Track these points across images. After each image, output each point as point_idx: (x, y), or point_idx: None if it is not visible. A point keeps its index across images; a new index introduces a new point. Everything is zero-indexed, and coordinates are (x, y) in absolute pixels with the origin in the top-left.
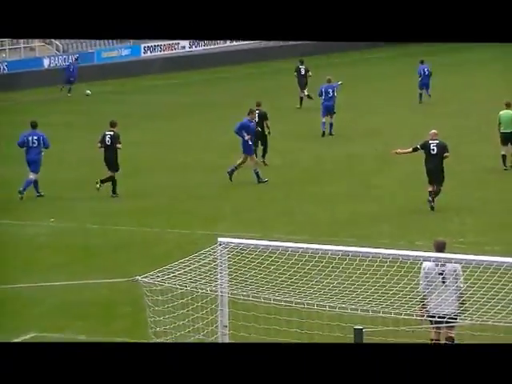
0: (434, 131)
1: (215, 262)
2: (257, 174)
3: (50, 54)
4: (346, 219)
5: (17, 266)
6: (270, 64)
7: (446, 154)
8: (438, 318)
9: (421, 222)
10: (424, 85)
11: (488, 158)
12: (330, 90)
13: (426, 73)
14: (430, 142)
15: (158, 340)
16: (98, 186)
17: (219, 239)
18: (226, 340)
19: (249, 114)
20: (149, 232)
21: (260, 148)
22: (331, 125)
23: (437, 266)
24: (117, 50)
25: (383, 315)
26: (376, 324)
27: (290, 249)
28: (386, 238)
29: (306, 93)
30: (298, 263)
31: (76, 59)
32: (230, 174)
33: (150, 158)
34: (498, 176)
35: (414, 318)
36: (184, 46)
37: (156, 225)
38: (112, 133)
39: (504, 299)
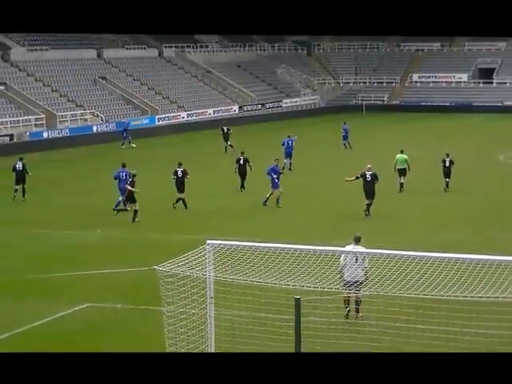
0: (369, 165)
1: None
2: (277, 200)
3: (97, 122)
4: (308, 224)
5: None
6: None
7: (376, 181)
8: (350, 282)
9: (354, 225)
10: (345, 138)
11: (393, 185)
12: (290, 142)
13: (346, 130)
14: (366, 172)
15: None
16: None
17: (208, 241)
18: (212, 308)
19: (275, 161)
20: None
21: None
22: (290, 164)
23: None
24: (140, 120)
25: (318, 289)
26: (312, 295)
27: (259, 247)
28: (324, 238)
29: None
30: (264, 257)
31: (127, 124)
32: (264, 202)
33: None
34: (400, 195)
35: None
36: (184, 117)
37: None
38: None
39: (396, 279)
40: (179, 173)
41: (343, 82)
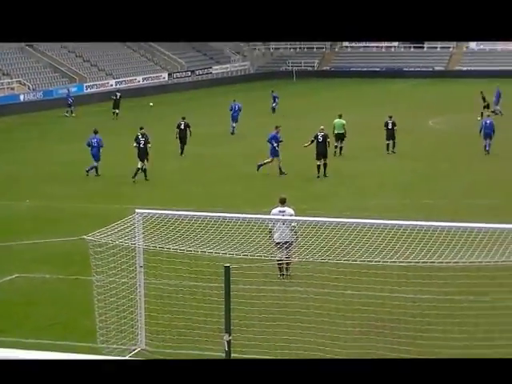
0: (322, 127)
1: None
2: (280, 168)
3: (24, 91)
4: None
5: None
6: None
7: (328, 140)
8: (280, 243)
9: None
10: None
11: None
12: (236, 106)
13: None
14: (318, 133)
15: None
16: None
17: (137, 210)
18: (142, 277)
19: (276, 128)
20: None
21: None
22: (234, 128)
23: (280, 211)
24: (66, 89)
25: (247, 257)
26: (241, 263)
27: (188, 216)
28: (253, 206)
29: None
30: (193, 226)
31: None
32: (258, 167)
33: None
34: (335, 159)
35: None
36: (112, 84)
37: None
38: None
39: (325, 245)
40: (141, 140)
41: (273, 48)
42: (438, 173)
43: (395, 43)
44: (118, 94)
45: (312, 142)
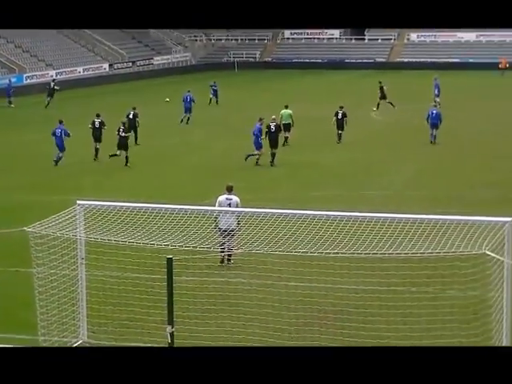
0: (273, 117)
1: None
2: (257, 159)
3: None
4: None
5: None
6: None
7: (279, 132)
8: (225, 230)
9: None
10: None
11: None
12: (189, 97)
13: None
14: (270, 123)
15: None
16: None
17: (78, 201)
18: (84, 269)
19: (259, 121)
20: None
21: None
22: (188, 118)
23: (227, 199)
24: (6, 79)
25: (190, 248)
26: (183, 254)
27: (130, 207)
28: (196, 197)
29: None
30: (135, 218)
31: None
32: (247, 157)
33: None
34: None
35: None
36: (52, 75)
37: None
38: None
39: (268, 237)
40: (96, 124)
41: (215, 39)
42: (381, 164)
43: (337, 35)
44: (53, 84)
45: (266, 133)
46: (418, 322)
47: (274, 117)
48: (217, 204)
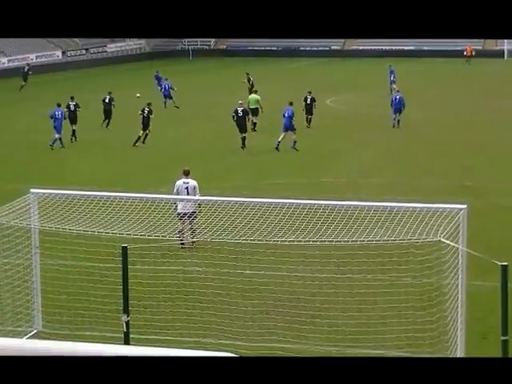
0: (240, 101)
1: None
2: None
3: None
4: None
5: None
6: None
7: (247, 116)
8: (184, 214)
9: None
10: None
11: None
12: (167, 86)
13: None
14: (238, 108)
15: None
16: None
17: (31, 190)
18: (38, 258)
19: (291, 104)
20: None
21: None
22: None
23: (184, 183)
24: None
25: (145, 237)
26: (138, 243)
27: (85, 196)
28: (150, 185)
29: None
30: (89, 206)
31: None
32: (277, 145)
33: None
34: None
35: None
36: (4, 62)
37: None
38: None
39: (223, 225)
40: (71, 106)
41: None
42: (337, 151)
43: None
44: (27, 68)
45: (233, 117)
46: (374, 310)
47: (240, 101)
48: (174, 188)
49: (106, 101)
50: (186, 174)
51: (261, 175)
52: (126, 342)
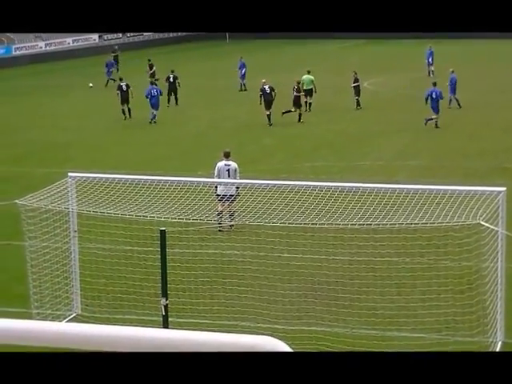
0: (263, 80)
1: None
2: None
3: None
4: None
5: None
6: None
7: (274, 92)
8: (224, 196)
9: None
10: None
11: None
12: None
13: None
14: (264, 86)
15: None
16: None
17: (69, 174)
18: (76, 242)
19: (434, 85)
20: None
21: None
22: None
23: (225, 165)
24: None
25: (183, 221)
26: (176, 227)
27: (122, 179)
28: (188, 169)
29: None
30: (127, 190)
31: None
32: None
33: None
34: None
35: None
36: (42, 47)
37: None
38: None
39: (261, 208)
40: (123, 87)
41: None
42: (375, 133)
43: None
44: (116, 47)
45: (261, 96)
46: (413, 293)
47: (263, 80)
48: (216, 170)
49: (171, 80)
50: (227, 155)
51: (298, 157)
52: (165, 325)
